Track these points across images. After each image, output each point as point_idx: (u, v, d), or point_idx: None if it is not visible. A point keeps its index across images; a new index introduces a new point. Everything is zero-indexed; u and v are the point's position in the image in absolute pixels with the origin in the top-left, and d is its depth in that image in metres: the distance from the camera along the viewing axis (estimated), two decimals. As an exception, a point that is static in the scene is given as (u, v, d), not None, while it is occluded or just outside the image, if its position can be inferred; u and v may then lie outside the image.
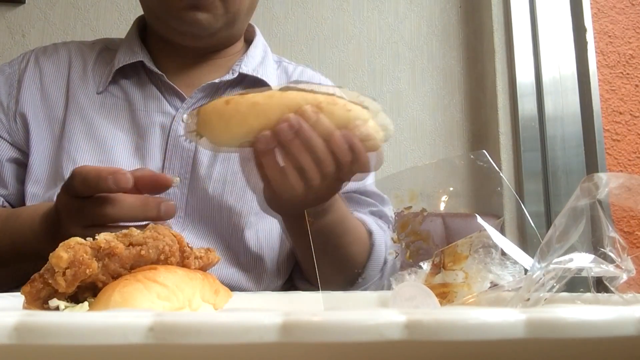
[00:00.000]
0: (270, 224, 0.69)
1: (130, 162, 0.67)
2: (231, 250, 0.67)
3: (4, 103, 0.69)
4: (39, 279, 0.29)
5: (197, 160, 0.69)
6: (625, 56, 1.21)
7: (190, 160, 0.68)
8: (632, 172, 1.17)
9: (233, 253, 0.67)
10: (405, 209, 0.47)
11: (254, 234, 0.68)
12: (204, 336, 0.18)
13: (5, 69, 0.72)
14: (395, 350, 0.20)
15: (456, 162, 0.49)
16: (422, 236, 0.46)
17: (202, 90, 0.70)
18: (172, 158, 0.68)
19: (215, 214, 0.68)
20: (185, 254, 0.33)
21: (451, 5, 1.37)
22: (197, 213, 0.68)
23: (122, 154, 0.67)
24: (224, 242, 0.67)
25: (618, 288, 0.31)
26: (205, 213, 0.68)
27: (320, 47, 1.33)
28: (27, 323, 0.18)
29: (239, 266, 0.67)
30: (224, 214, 0.68)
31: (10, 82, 0.71)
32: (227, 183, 0.69)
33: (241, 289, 0.66)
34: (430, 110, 1.32)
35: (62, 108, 0.69)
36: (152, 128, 0.69)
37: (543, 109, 1.19)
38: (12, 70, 0.72)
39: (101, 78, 0.71)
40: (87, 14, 1.31)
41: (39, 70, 0.71)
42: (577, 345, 0.20)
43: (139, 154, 0.68)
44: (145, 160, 0.68)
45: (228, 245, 0.67)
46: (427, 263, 0.41)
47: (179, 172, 0.68)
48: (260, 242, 0.68)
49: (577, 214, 0.31)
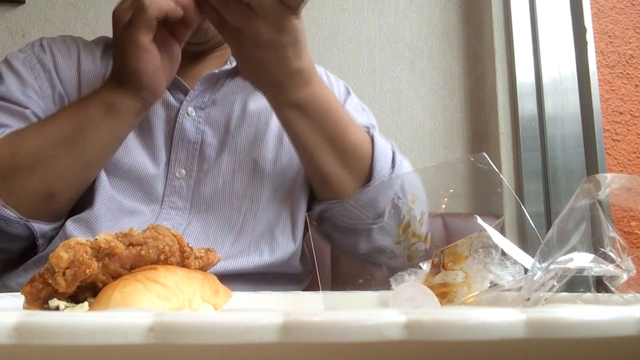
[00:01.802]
0: (281, 204, 0.70)
1: (137, 154, 0.67)
2: (241, 236, 0.67)
3: (36, 86, 0.68)
4: (39, 279, 0.29)
5: (203, 152, 0.70)
6: (625, 56, 1.21)
7: (196, 152, 0.69)
8: (632, 172, 1.17)
9: (243, 240, 0.67)
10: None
11: (265, 218, 0.69)
12: (204, 336, 0.18)
13: (18, 54, 0.71)
14: (395, 350, 0.20)
15: (457, 165, 0.49)
16: (423, 238, 0.47)
17: (204, 81, 0.71)
18: (178, 150, 0.69)
19: (224, 204, 0.68)
20: (185, 254, 0.34)
21: (451, 5, 1.37)
22: (205, 204, 0.68)
23: (128, 146, 0.67)
24: (233, 231, 0.68)
25: (618, 288, 0.31)
26: (214, 203, 0.68)
27: (320, 47, 1.33)
28: (27, 323, 0.18)
29: (250, 247, 0.67)
30: (234, 203, 0.68)
31: (30, 64, 0.69)
32: (236, 172, 0.69)
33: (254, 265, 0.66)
34: (430, 110, 1.32)
35: (76, 97, 0.69)
36: (157, 121, 0.69)
37: (543, 109, 1.19)
38: (26, 55, 0.71)
39: (107, 71, 0.71)
40: (87, 14, 1.31)
41: (52, 56, 0.71)
42: (577, 345, 0.20)
43: (145, 146, 0.68)
44: (151, 152, 0.68)
45: (237, 233, 0.67)
46: (426, 263, 0.41)
47: (185, 164, 0.69)
48: (271, 224, 0.69)
49: (578, 215, 0.31)
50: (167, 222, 0.66)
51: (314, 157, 0.64)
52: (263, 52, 0.56)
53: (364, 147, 0.65)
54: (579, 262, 0.31)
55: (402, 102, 1.32)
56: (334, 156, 0.63)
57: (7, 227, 0.59)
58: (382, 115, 1.30)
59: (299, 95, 0.60)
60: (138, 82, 0.57)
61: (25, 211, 0.59)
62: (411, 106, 1.32)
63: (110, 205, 0.64)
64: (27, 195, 0.58)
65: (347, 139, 0.63)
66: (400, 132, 1.30)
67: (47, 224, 0.62)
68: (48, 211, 0.61)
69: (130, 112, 0.59)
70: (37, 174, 0.58)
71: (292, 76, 0.58)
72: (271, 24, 0.54)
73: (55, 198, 0.60)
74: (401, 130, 1.30)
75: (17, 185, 0.58)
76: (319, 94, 0.61)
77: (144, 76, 0.57)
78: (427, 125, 1.31)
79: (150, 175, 0.67)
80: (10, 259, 0.68)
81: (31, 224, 0.60)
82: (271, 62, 0.57)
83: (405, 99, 1.32)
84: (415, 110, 1.32)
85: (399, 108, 1.32)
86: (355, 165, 0.64)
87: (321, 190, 0.68)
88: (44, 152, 0.58)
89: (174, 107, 0.70)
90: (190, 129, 0.69)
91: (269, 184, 0.70)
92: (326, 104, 0.62)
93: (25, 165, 0.58)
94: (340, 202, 0.65)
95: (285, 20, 0.54)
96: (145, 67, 0.56)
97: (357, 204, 0.64)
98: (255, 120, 0.72)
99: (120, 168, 0.66)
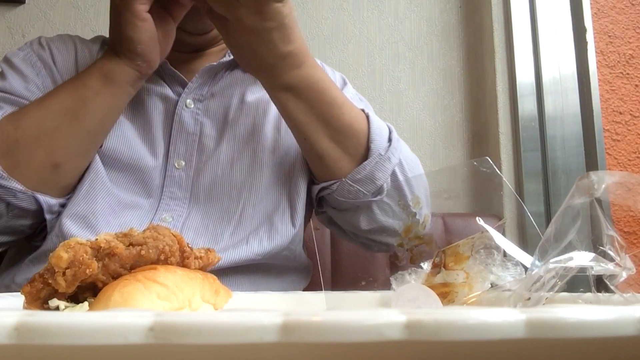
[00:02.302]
0: (280, 192, 0.70)
1: (135, 146, 0.68)
2: (240, 226, 0.68)
3: (38, 82, 0.68)
4: (39, 279, 0.29)
5: (202, 143, 0.70)
6: (625, 56, 1.21)
7: (195, 144, 0.70)
8: (632, 172, 1.17)
9: (242, 229, 0.67)
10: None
11: (264, 206, 0.69)
12: (204, 336, 0.18)
13: (18, 53, 0.71)
14: (395, 350, 0.20)
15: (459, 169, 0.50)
16: (425, 240, 0.47)
17: (203, 74, 0.71)
18: (176, 142, 0.69)
19: (224, 193, 0.69)
20: (185, 254, 0.34)
21: (451, 5, 1.37)
22: (204, 194, 0.69)
23: (126, 138, 0.67)
24: (232, 221, 0.68)
25: (618, 287, 0.31)
26: (213, 193, 0.69)
27: (320, 47, 1.33)
28: (27, 323, 0.18)
29: (248, 236, 0.67)
30: (233, 193, 0.69)
31: (31, 61, 0.70)
32: (234, 163, 0.70)
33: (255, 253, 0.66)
34: (430, 110, 1.32)
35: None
36: (156, 113, 0.70)
37: (543, 109, 1.19)
38: (25, 52, 0.71)
39: None
40: (87, 14, 1.31)
41: (51, 53, 0.71)
42: (577, 345, 0.20)
43: (144, 139, 0.69)
44: (150, 144, 0.69)
45: (237, 223, 0.68)
46: (427, 263, 0.41)
47: (184, 156, 0.69)
48: (270, 212, 0.69)
49: (574, 213, 0.31)
50: (166, 213, 0.66)
51: (309, 137, 0.64)
52: (249, 38, 0.57)
53: (359, 125, 0.65)
54: (579, 261, 0.31)
55: (402, 102, 1.32)
56: (329, 135, 0.64)
57: (15, 201, 0.59)
58: (382, 115, 1.29)
59: (291, 77, 0.61)
60: (133, 50, 0.59)
61: (32, 183, 0.59)
62: (411, 106, 1.32)
63: (109, 200, 0.64)
64: (33, 166, 0.59)
65: (342, 118, 0.64)
66: (400, 132, 1.29)
67: (54, 198, 0.62)
68: (54, 182, 0.61)
69: (126, 80, 0.61)
70: (40, 145, 0.59)
71: (283, 59, 0.59)
72: (253, 10, 0.55)
73: (61, 168, 0.61)
74: (401, 130, 1.30)
75: (22, 157, 0.58)
76: (312, 75, 0.62)
77: (138, 44, 0.59)
78: (427, 125, 1.31)
79: (148, 167, 0.68)
80: (13, 255, 0.68)
81: (38, 196, 0.60)
82: (258, 46, 0.58)
83: (405, 99, 1.32)
84: (415, 110, 1.32)
85: (399, 108, 1.32)
86: (351, 144, 0.64)
87: (318, 169, 0.68)
88: (46, 123, 0.59)
89: (172, 99, 0.71)
90: (188, 121, 0.70)
91: (268, 174, 0.70)
92: (319, 83, 0.63)
93: (28, 137, 0.58)
94: (338, 181, 0.65)
95: (266, 6, 0.55)
96: (140, 35, 0.58)
97: (354, 180, 0.64)
98: (254, 111, 0.73)
99: (119, 160, 0.67)
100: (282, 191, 0.70)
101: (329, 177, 0.66)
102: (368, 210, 0.66)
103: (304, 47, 0.61)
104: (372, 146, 0.64)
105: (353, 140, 0.64)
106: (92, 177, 0.64)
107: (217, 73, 0.73)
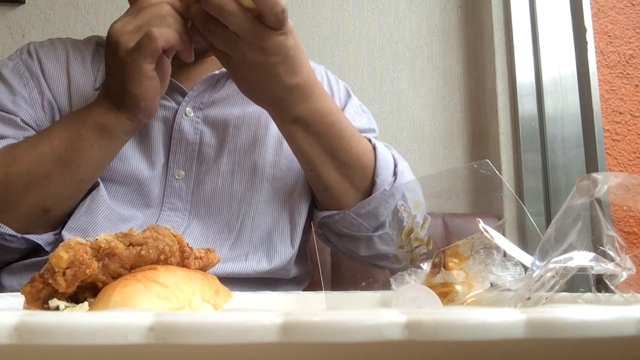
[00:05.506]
0: (280, 209, 0.70)
1: (135, 156, 0.67)
2: (239, 240, 0.67)
3: (25, 94, 0.67)
4: (39, 279, 0.29)
5: (202, 153, 0.69)
6: (625, 56, 1.21)
7: (194, 153, 0.69)
8: (632, 172, 1.17)
9: (241, 243, 0.67)
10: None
11: (263, 221, 0.68)
12: (204, 336, 0.18)
13: (7, 63, 0.71)
14: (395, 350, 0.20)
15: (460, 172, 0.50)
16: (425, 241, 0.47)
17: (204, 82, 0.70)
18: (176, 152, 0.69)
19: (224, 205, 0.68)
20: (185, 254, 0.33)
21: (451, 5, 1.37)
22: (204, 205, 0.68)
23: (126, 148, 0.67)
24: (232, 234, 0.67)
25: (618, 287, 0.31)
26: (213, 205, 0.68)
27: (320, 47, 1.33)
28: (27, 323, 0.18)
29: (248, 253, 0.67)
30: (233, 204, 0.68)
31: (19, 72, 0.69)
32: (235, 174, 0.69)
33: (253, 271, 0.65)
34: (430, 110, 1.32)
35: (66, 102, 0.69)
36: (154, 123, 0.69)
37: (543, 109, 1.19)
38: (15, 63, 0.70)
39: (99, 73, 0.71)
40: (87, 14, 1.31)
41: (39, 62, 0.70)
42: (577, 345, 0.20)
43: (143, 149, 0.68)
44: (149, 154, 0.68)
45: (236, 236, 0.67)
46: (427, 263, 0.41)
47: (184, 166, 0.68)
48: (270, 230, 0.69)
49: (574, 213, 0.31)
50: (167, 225, 0.66)
51: (316, 168, 0.63)
52: (253, 73, 0.56)
53: (366, 158, 0.65)
54: (579, 261, 0.31)
55: (402, 102, 1.32)
56: (336, 168, 0.63)
57: (4, 243, 0.60)
58: (382, 115, 1.30)
59: (299, 110, 0.60)
60: (136, 106, 0.57)
61: (21, 227, 0.60)
62: (411, 106, 1.32)
63: (109, 214, 0.64)
64: (22, 211, 0.59)
65: (350, 151, 0.63)
66: (400, 132, 1.30)
67: (45, 234, 0.63)
68: (43, 224, 0.62)
69: (124, 131, 0.60)
70: (31, 192, 0.58)
71: (290, 92, 0.58)
72: (255, 46, 0.53)
73: (51, 213, 0.61)
74: (401, 130, 1.30)
75: (11, 203, 0.58)
76: (320, 107, 0.61)
77: (143, 101, 0.57)
78: (427, 125, 1.31)
79: (146, 177, 0.67)
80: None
81: (28, 237, 0.61)
82: (264, 81, 0.57)
83: (405, 99, 1.32)
84: (415, 111, 1.32)
85: (399, 108, 1.32)
86: (358, 177, 0.64)
87: (323, 199, 0.68)
88: (37, 170, 0.58)
89: (171, 108, 0.69)
90: (188, 130, 0.69)
91: (268, 187, 0.69)
92: (328, 117, 0.62)
93: (18, 184, 0.58)
94: (341, 212, 0.65)
95: (268, 42, 0.53)
96: (146, 93, 0.56)
97: (358, 214, 0.64)
98: (255, 122, 0.72)
99: (117, 173, 0.66)
100: (283, 208, 0.70)
101: (334, 207, 0.66)
102: (368, 241, 0.66)
103: (312, 78, 0.60)
104: (378, 181, 0.64)
105: (360, 174, 0.64)
106: (94, 194, 0.64)
107: (219, 81, 0.72)
